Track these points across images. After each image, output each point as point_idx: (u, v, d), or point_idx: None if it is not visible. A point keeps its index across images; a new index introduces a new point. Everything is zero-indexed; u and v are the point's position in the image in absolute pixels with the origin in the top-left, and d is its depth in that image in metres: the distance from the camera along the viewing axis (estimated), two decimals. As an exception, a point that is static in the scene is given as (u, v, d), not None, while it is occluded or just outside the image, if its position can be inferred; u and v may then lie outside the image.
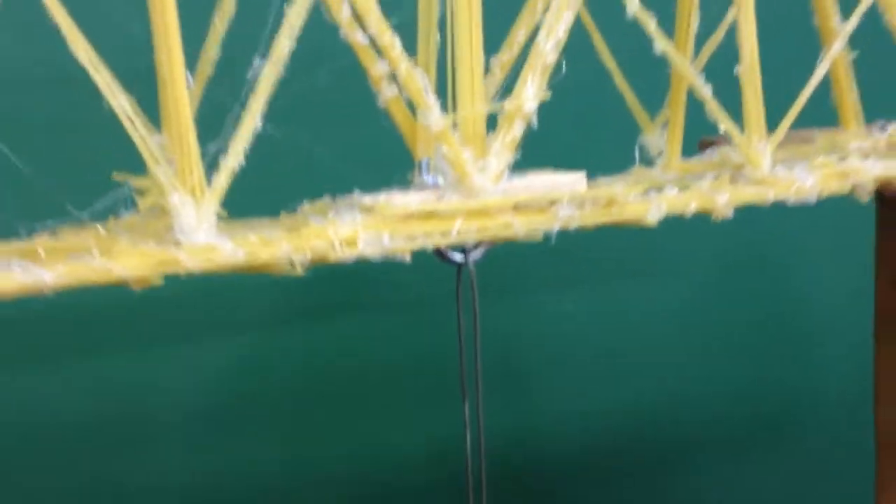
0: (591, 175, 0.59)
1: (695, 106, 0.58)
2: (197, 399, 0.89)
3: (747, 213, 0.56)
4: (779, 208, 0.58)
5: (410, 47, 0.54)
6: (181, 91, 0.46)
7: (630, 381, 1.03)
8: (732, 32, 0.57)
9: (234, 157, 0.47)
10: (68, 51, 0.44)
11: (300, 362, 0.92)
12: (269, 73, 0.47)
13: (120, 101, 0.45)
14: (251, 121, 0.47)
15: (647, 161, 0.62)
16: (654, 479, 1.07)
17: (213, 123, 0.49)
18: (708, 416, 1.06)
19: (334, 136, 0.62)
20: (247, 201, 0.50)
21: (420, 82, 0.50)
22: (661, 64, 0.56)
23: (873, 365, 0.77)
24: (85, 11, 0.46)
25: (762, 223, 0.90)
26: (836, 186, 0.56)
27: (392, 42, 0.49)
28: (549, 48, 0.52)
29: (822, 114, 0.65)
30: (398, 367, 0.92)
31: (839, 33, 0.60)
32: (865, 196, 0.58)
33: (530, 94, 0.51)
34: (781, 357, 1.06)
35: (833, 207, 0.63)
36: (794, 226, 0.62)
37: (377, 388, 0.93)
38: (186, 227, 0.46)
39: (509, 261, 0.56)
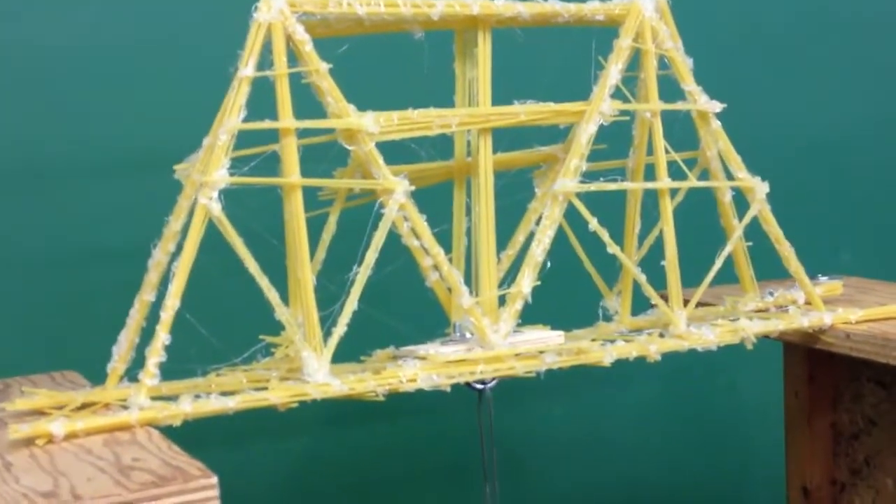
0: (574, 322, 0.86)
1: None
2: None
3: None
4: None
5: (447, 245, 0.82)
6: (309, 288, 0.74)
7: (608, 464, 1.32)
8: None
9: (341, 328, 0.74)
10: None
11: (349, 460, 1.19)
12: (361, 276, 0.74)
13: (276, 299, 0.73)
14: (351, 305, 0.74)
15: (608, 317, 0.90)
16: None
17: (324, 302, 0.76)
18: (667, 493, 1.35)
19: (399, 304, 0.89)
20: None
21: (455, 276, 0.77)
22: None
23: (784, 447, 1.05)
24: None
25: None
26: (729, 338, 0.84)
27: (436, 248, 0.77)
28: (538, 252, 0.79)
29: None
30: (434, 458, 1.20)
31: (736, 229, 0.88)
32: (749, 343, 0.84)
33: (526, 282, 0.79)
34: (716, 444, 1.36)
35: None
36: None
37: (417, 474, 1.21)
38: (311, 370, 0.73)
39: (514, 382, 0.81)
